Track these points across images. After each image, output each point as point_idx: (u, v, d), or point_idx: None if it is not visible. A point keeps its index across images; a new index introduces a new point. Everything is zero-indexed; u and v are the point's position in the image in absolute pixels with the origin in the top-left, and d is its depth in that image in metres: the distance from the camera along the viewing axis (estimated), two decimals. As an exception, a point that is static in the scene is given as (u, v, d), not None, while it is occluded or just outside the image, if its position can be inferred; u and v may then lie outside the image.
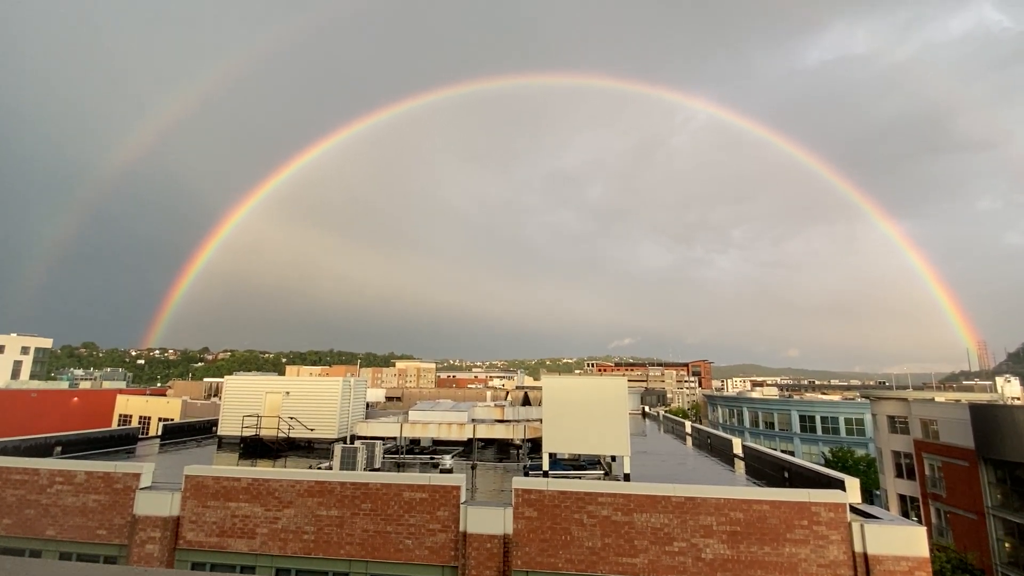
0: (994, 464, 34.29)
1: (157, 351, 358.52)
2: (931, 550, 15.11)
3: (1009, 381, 51.17)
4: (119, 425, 55.57)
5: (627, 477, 16.01)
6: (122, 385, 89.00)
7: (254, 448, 22.53)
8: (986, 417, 34.67)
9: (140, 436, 24.77)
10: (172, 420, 34.05)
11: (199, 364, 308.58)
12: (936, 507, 39.25)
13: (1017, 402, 41.92)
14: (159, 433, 25.63)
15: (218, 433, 24.03)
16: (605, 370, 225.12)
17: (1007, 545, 33.50)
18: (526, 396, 43.50)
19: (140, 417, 55.62)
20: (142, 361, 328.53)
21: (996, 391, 50.21)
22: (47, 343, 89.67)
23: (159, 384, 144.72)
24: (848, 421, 63.74)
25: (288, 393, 23.60)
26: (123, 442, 22.91)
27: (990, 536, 33.97)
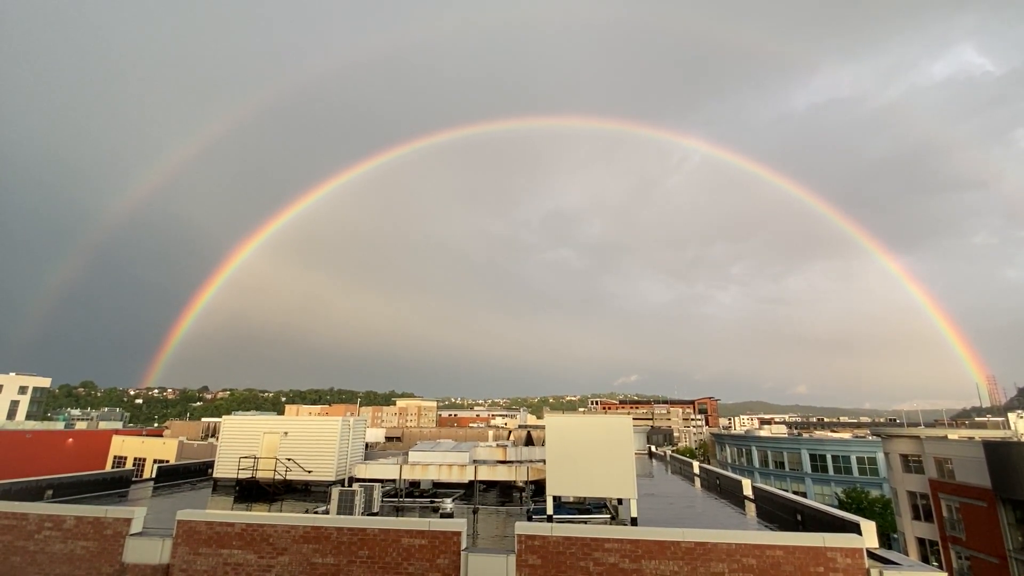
0: (1013, 504, 33.14)
1: (156, 390, 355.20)
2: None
3: (1022, 417, 50.00)
4: (113, 467, 54.48)
5: (634, 521, 15.48)
6: (118, 425, 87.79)
7: (250, 491, 21.94)
8: (1002, 455, 33.76)
9: (134, 479, 24.20)
10: (167, 461, 33.41)
11: (198, 403, 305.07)
12: (956, 551, 37.69)
13: (1032, 439, 40.83)
14: (153, 475, 25.05)
15: (214, 475, 23.47)
16: (609, 408, 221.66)
17: (1035, 593, 31.95)
18: (529, 435, 42.66)
19: (135, 458, 54.60)
20: (140, 401, 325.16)
21: (1009, 427, 49.03)
22: (45, 382, 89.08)
23: (156, 424, 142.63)
24: (860, 460, 62.08)
25: (286, 433, 23.18)
26: (116, 485, 22.36)
27: (1016, 583, 32.44)
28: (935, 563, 39.13)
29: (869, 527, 12.09)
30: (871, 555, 11.23)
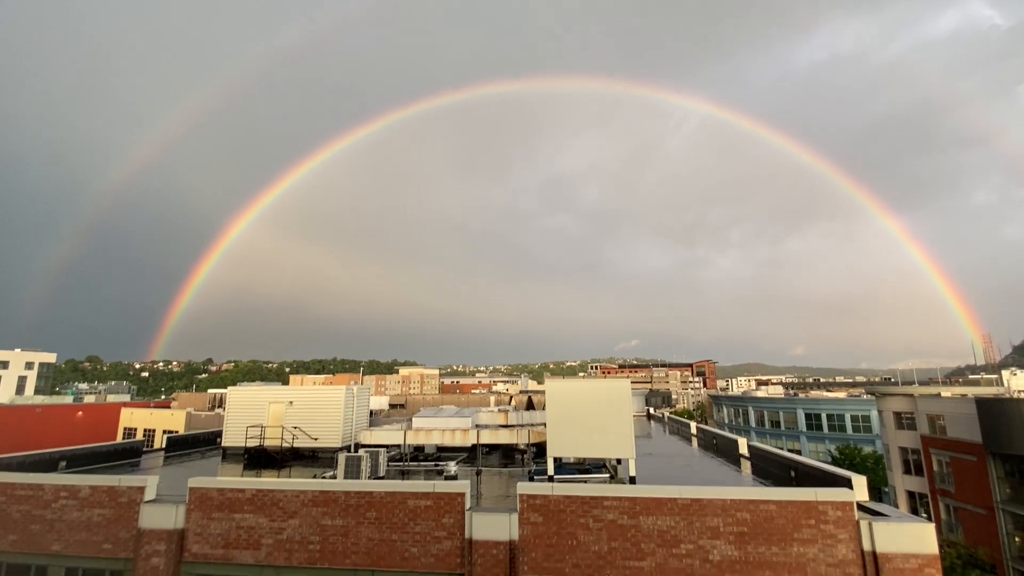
0: (1002, 458, 34.06)
1: (161, 363, 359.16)
2: (940, 546, 15.00)
3: (1015, 374, 50.89)
4: (124, 438, 55.61)
5: (632, 480, 15.94)
6: (126, 398, 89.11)
7: (258, 459, 22.50)
8: (993, 411, 34.47)
9: (144, 449, 24.76)
10: (176, 432, 34.07)
11: (203, 376, 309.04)
12: (945, 503, 38.98)
13: (1024, 395, 41.69)
14: (163, 445, 25.62)
15: (222, 444, 24.00)
16: (609, 372, 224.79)
17: (1017, 539, 33.22)
18: (530, 400, 43.40)
19: (144, 430, 55.69)
20: (146, 374, 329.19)
21: (1002, 384, 49.95)
22: (51, 358, 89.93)
23: (163, 396, 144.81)
24: (854, 418, 63.44)
25: (291, 403, 23.58)
26: (127, 455, 22.91)
27: (1000, 531, 33.70)
28: (924, 514, 40.54)
29: (860, 482, 12.46)
30: (861, 508, 11.63)
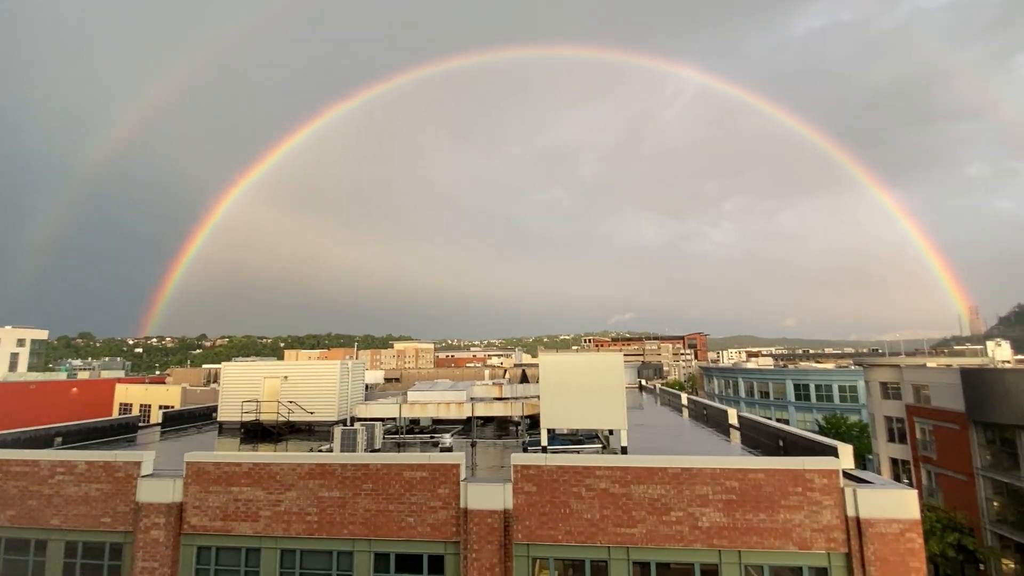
0: (984, 426, 34.99)
1: (154, 339, 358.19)
2: (921, 511, 15.51)
3: (1000, 345, 51.87)
4: (119, 414, 55.89)
5: (624, 450, 16.23)
6: (121, 374, 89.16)
7: (255, 433, 22.69)
8: (977, 381, 35.23)
9: (140, 424, 24.88)
10: (172, 407, 34.20)
11: (197, 351, 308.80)
12: (927, 469, 40.19)
13: (1007, 365, 42.61)
14: (159, 421, 25.74)
15: (218, 419, 24.15)
16: (602, 345, 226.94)
17: (995, 504, 34.44)
18: (524, 373, 43.83)
19: (140, 405, 55.93)
20: (140, 350, 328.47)
21: (987, 355, 50.98)
22: (43, 334, 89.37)
23: (158, 372, 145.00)
24: (842, 388, 64.72)
25: (286, 378, 23.66)
26: (123, 431, 23.01)
27: (979, 496, 34.88)
28: (906, 481, 41.84)
29: (846, 450, 12.75)
30: (846, 475, 11.94)
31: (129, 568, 12.96)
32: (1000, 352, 49.67)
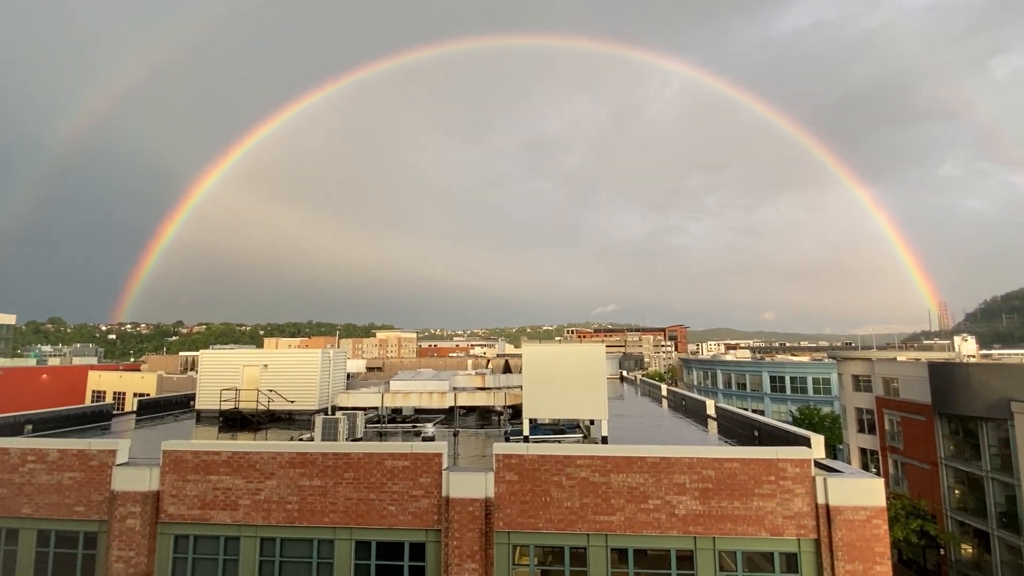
0: (948, 418, 36.36)
1: (128, 325, 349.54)
2: (887, 499, 16.08)
3: (966, 340, 53.63)
4: (92, 401, 54.59)
5: (605, 440, 16.49)
6: (93, 361, 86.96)
7: (234, 421, 22.42)
8: (943, 374, 36.52)
9: (115, 412, 24.38)
10: (148, 395, 33.58)
11: (173, 338, 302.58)
12: (894, 459, 41.67)
13: (972, 360, 44.17)
14: (134, 409, 25.27)
15: (196, 407, 23.79)
16: (584, 337, 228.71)
17: (957, 492, 35.93)
18: (507, 364, 44.03)
19: (114, 393, 54.67)
20: (113, 336, 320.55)
21: (954, 350, 52.75)
22: (10, 319, 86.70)
23: (132, 359, 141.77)
24: (816, 381, 66.47)
25: (266, 366, 23.38)
26: (97, 419, 22.54)
27: (942, 484, 36.34)
28: (874, 470, 43.34)
29: (818, 440, 13.14)
30: (818, 464, 12.33)
31: (104, 557, 12.79)
32: (966, 347, 51.38)
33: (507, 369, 40.25)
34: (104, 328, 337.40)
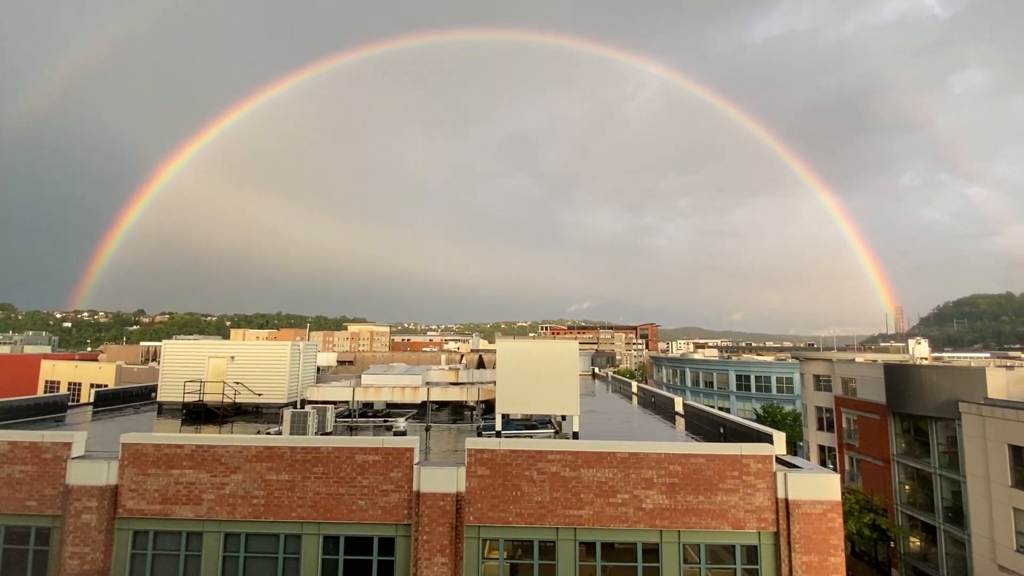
0: (901, 417, 38.14)
1: (86, 313, 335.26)
2: (843, 493, 16.77)
3: (920, 343, 56.33)
4: (46, 392, 52.19)
5: (576, 435, 16.71)
6: (47, 349, 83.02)
7: (198, 414, 21.80)
8: (897, 375, 38.26)
9: (70, 403, 23.37)
10: (106, 386, 32.31)
11: (134, 328, 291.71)
12: (850, 456, 43.48)
13: (924, 362, 46.40)
14: (91, 400, 24.29)
15: (158, 399, 23.04)
16: (558, 333, 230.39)
17: (907, 487, 37.76)
18: (481, 359, 44.05)
19: (69, 383, 52.49)
20: (69, 324, 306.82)
21: (908, 352, 55.27)
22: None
23: (89, 349, 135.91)
24: (779, 380, 68.70)
25: (233, 358, 22.79)
26: (51, 410, 21.58)
27: (893, 480, 38.13)
28: (831, 466, 45.13)
29: (780, 437, 13.63)
30: (779, 460, 12.79)
31: (57, 553, 12.31)
32: (919, 350, 53.96)
33: (481, 364, 40.29)
34: (59, 315, 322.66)
